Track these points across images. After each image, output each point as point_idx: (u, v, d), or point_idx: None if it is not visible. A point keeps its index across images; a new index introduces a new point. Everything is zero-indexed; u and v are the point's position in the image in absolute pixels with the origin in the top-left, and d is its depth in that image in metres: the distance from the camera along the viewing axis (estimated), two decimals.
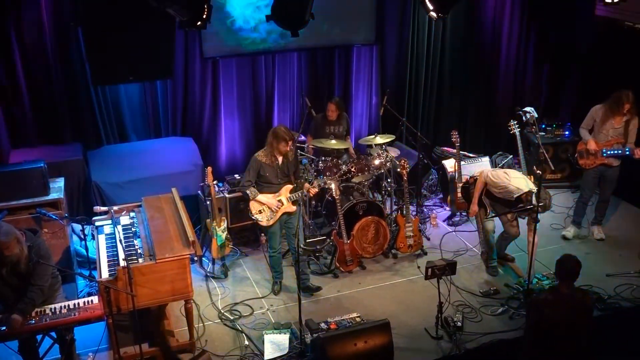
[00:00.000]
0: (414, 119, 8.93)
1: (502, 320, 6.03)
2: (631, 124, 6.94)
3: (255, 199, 6.11)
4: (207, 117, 7.98)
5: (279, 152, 6.09)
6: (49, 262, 4.94)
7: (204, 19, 5.67)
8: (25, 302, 4.77)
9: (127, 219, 5.91)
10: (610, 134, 7.01)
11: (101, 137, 7.47)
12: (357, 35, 8.37)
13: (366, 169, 7.34)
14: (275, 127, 6.22)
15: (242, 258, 7.14)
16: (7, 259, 4.71)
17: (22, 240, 4.80)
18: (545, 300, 4.81)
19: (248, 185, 6.11)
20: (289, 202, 6.19)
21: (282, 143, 6.02)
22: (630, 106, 6.75)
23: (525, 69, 9.21)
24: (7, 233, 4.70)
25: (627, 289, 6.43)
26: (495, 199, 6.44)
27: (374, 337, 5.25)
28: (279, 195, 6.17)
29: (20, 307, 4.75)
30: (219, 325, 6.02)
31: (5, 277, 4.81)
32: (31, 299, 4.79)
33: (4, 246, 4.66)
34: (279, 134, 6.02)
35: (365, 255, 6.96)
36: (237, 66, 7.89)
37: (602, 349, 5.37)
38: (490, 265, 6.83)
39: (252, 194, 6.09)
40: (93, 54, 6.44)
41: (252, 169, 6.13)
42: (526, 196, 6.07)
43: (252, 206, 6.16)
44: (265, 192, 6.13)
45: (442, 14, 6.01)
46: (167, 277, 5.16)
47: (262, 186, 6.16)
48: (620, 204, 8.29)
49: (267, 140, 6.17)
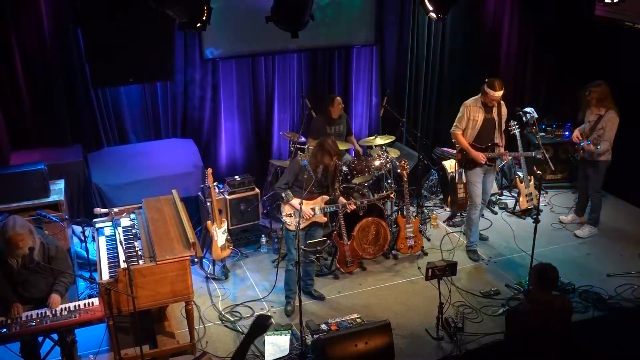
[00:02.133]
0: (414, 119, 8.94)
1: (502, 321, 6.02)
2: (603, 119, 7.03)
3: (289, 203, 6.01)
4: (207, 119, 7.98)
5: (323, 165, 5.98)
6: (65, 255, 5.21)
7: (203, 20, 5.66)
8: (60, 284, 5.03)
9: (127, 220, 5.91)
10: (586, 127, 7.19)
11: (101, 138, 7.47)
12: (357, 36, 8.37)
13: (366, 170, 7.34)
14: (322, 139, 6.07)
15: (243, 259, 7.14)
16: (21, 251, 4.79)
17: (35, 233, 4.92)
18: (524, 312, 4.81)
19: (285, 187, 6.01)
20: (322, 212, 6.11)
21: (327, 157, 5.89)
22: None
23: (525, 69, 9.22)
24: (22, 226, 4.83)
25: (628, 289, 6.43)
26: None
27: (374, 338, 5.24)
28: (313, 203, 6.08)
29: (57, 288, 5.02)
30: (219, 326, 6.02)
31: (17, 270, 4.90)
32: (65, 282, 5.08)
33: (19, 238, 4.76)
34: (325, 147, 5.90)
35: (365, 256, 6.96)
36: (236, 67, 7.89)
37: (603, 349, 5.38)
38: (471, 249, 7.03)
39: (286, 196, 5.98)
40: (93, 55, 6.45)
41: (291, 171, 6.04)
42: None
43: (284, 208, 6.06)
44: (297, 196, 5.94)
45: (442, 15, 6.02)
46: (167, 278, 5.16)
47: (296, 190, 6.01)
48: (620, 203, 8.30)
49: (313, 150, 6.09)
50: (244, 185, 7.20)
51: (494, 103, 6.66)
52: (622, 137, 7.15)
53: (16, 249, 4.79)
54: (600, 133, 7.01)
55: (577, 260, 6.99)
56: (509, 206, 8.24)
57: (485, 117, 6.73)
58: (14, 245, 4.76)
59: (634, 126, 7.49)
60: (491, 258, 7.11)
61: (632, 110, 7.45)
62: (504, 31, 8.91)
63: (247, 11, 7.44)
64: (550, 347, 4.66)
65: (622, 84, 7.53)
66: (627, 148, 7.53)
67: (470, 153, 6.74)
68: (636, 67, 8.01)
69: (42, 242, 4.99)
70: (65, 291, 5.08)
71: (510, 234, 7.57)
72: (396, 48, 8.72)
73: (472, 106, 6.75)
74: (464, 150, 6.82)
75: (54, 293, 4.97)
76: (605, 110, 6.99)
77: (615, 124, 6.96)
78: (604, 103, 6.98)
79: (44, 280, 5.05)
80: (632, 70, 8.02)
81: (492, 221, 7.90)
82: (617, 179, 7.92)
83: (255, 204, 7.23)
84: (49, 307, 4.90)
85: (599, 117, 7.03)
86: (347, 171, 7.39)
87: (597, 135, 7.03)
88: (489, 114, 6.74)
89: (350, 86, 8.60)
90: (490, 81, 6.55)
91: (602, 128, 6.99)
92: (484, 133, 6.77)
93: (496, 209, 8.22)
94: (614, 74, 7.61)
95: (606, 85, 6.99)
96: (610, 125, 6.96)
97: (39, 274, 5.01)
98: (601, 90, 6.96)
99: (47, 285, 5.05)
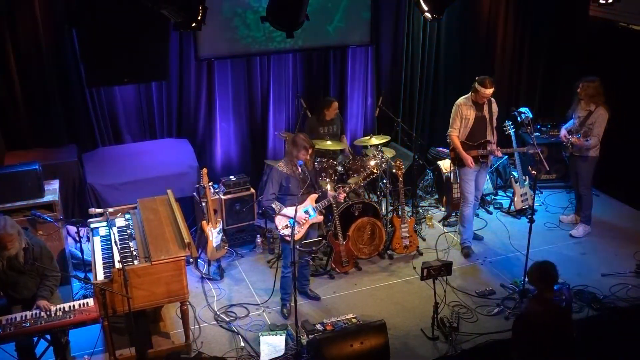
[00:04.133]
0: (409, 119, 8.95)
1: (497, 321, 6.04)
2: (592, 115, 7.04)
3: (281, 213, 5.85)
4: (202, 119, 7.97)
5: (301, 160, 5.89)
6: (50, 255, 5.15)
7: (198, 20, 5.65)
8: (44, 289, 4.98)
9: (122, 220, 5.90)
10: (576, 122, 7.22)
11: (96, 138, 7.45)
12: (353, 36, 8.36)
13: (362, 170, 7.34)
14: (294, 135, 6.03)
15: (238, 259, 7.14)
16: (7, 252, 4.79)
17: (22, 234, 4.91)
18: (535, 314, 4.76)
19: (272, 198, 5.82)
20: (316, 212, 6.03)
21: (302, 151, 5.79)
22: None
23: (520, 69, 9.23)
24: (12, 226, 4.82)
25: (622, 288, 6.45)
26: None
27: (370, 338, 5.25)
28: (304, 206, 5.93)
29: (41, 294, 4.95)
30: (214, 327, 6.01)
31: (1, 270, 4.89)
32: (49, 286, 5.02)
33: (9, 239, 4.76)
34: (298, 142, 5.80)
35: (361, 256, 6.97)
36: (232, 67, 7.88)
37: (598, 348, 5.40)
38: (465, 246, 7.12)
39: (277, 208, 5.82)
40: (88, 55, 6.44)
41: (273, 180, 5.84)
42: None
43: (278, 222, 5.86)
44: (288, 205, 5.81)
45: (437, 15, 6.02)
46: (162, 279, 5.15)
47: (283, 199, 5.86)
48: (615, 203, 8.32)
49: (286, 149, 5.98)
50: (239, 185, 7.19)
51: (484, 100, 6.74)
52: (615, 136, 7.18)
53: (3, 250, 4.77)
54: (589, 128, 7.03)
55: (572, 260, 7.01)
56: (503, 206, 8.26)
57: (476, 115, 6.80)
58: (2, 245, 4.75)
59: (628, 125, 7.52)
60: (486, 258, 7.12)
61: (625, 110, 7.48)
62: (499, 31, 8.93)
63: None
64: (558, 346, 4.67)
65: (616, 83, 7.56)
66: (621, 147, 7.56)
67: (460, 155, 6.83)
68: (630, 67, 8.04)
69: (28, 243, 4.96)
70: (50, 295, 5.02)
71: (505, 234, 7.58)
72: (391, 48, 8.73)
73: (463, 105, 6.82)
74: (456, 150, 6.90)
75: (39, 299, 4.90)
76: (595, 106, 7.02)
77: (605, 120, 6.98)
78: (595, 99, 7.00)
79: (33, 281, 5.03)
80: (626, 70, 8.05)
81: (487, 221, 7.92)
82: (610, 179, 7.95)
83: (250, 204, 7.23)
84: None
85: (589, 113, 7.05)
86: (342, 171, 7.40)
87: (587, 129, 7.05)
88: (480, 111, 6.81)
89: (345, 86, 8.61)
90: (482, 79, 6.63)
91: (592, 124, 7.02)
92: (476, 131, 6.84)
93: (491, 208, 8.23)
94: (608, 74, 7.64)
95: (600, 83, 7.01)
96: (600, 121, 6.98)
97: (27, 275, 5.00)
98: (595, 86, 6.98)
99: (37, 286, 5.03)
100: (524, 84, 9.31)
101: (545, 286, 4.77)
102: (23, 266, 4.91)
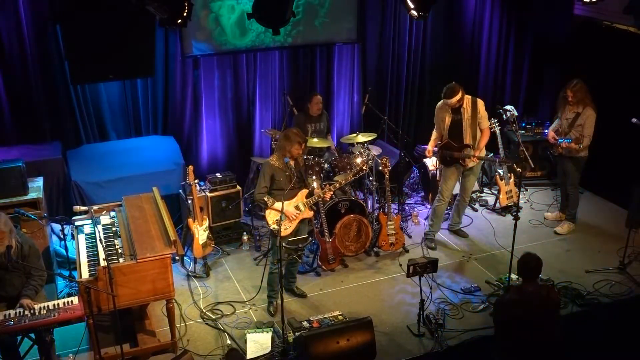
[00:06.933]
0: (396, 117, 8.96)
1: (483, 317, 6.08)
2: (581, 116, 7.10)
3: (272, 207, 5.80)
4: (188, 116, 7.93)
5: (292, 156, 5.83)
6: (38, 254, 5.14)
7: (184, 16, 5.64)
8: (29, 289, 4.94)
9: (107, 218, 5.87)
10: (564, 124, 7.26)
11: (81, 135, 7.40)
12: (339, 33, 8.36)
13: (348, 167, 7.35)
14: (286, 130, 6.00)
15: (224, 257, 7.12)
16: None
17: (14, 232, 4.89)
18: (511, 301, 4.87)
19: (264, 192, 5.79)
20: (306, 207, 5.98)
21: (295, 145, 5.75)
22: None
23: (506, 67, 9.28)
24: (5, 223, 4.79)
25: (605, 284, 6.51)
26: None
27: (356, 335, 5.26)
28: (295, 201, 5.92)
29: (26, 292, 4.91)
30: (200, 324, 5.99)
31: None
32: (35, 285, 4.99)
33: (1, 236, 4.74)
34: (291, 137, 5.76)
35: (347, 254, 6.98)
36: (218, 64, 7.86)
37: (581, 345, 5.44)
38: (428, 238, 7.33)
39: (269, 201, 5.77)
40: (72, 52, 6.39)
41: (265, 174, 5.81)
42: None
43: (269, 216, 5.83)
44: (278, 200, 5.75)
45: (423, 13, 6.04)
46: (148, 276, 5.12)
47: (274, 194, 5.83)
48: (599, 201, 8.39)
49: (278, 143, 5.93)
50: (225, 182, 7.17)
51: (454, 106, 6.80)
52: (600, 134, 7.23)
53: None
54: (579, 130, 7.08)
55: (556, 256, 7.06)
56: (489, 203, 8.30)
57: (453, 119, 6.89)
58: None
59: (612, 124, 7.57)
60: (472, 255, 7.16)
61: (610, 109, 7.54)
62: (484, 29, 8.97)
63: None
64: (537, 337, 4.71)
65: (600, 82, 7.61)
66: (605, 146, 7.61)
67: (427, 153, 7.31)
68: (614, 66, 8.10)
69: (18, 241, 4.94)
70: (35, 294, 4.98)
71: (491, 231, 7.63)
72: (378, 46, 8.74)
73: (439, 108, 7.00)
74: (442, 147, 7.00)
75: (23, 298, 4.86)
76: (582, 107, 7.07)
77: (593, 120, 7.04)
78: (583, 101, 7.07)
79: (19, 279, 5.01)
80: (610, 69, 8.11)
81: (472, 218, 7.96)
82: (594, 177, 8.01)
83: (236, 201, 7.21)
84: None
85: (577, 115, 7.11)
86: (328, 168, 7.40)
87: (577, 132, 7.10)
88: (457, 115, 6.88)
89: (332, 83, 8.60)
90: (445, 88, 6.77)
91: (581, 125, 7.07)
92: (453, 133, 6.94)
93: (476, 206, 8.27)
94: (592, 73, 7.71)
95: (583, 84, 7.07)
96: (589, 122, 7.04)
97: (14, 272, 4.97)
98: (579, 89, 7.05)
99: (22, 284, 5.01)
100: (510, 82, 9.35)
101: (525, 277, 4.86)
102: (8, 264, 4.87)
